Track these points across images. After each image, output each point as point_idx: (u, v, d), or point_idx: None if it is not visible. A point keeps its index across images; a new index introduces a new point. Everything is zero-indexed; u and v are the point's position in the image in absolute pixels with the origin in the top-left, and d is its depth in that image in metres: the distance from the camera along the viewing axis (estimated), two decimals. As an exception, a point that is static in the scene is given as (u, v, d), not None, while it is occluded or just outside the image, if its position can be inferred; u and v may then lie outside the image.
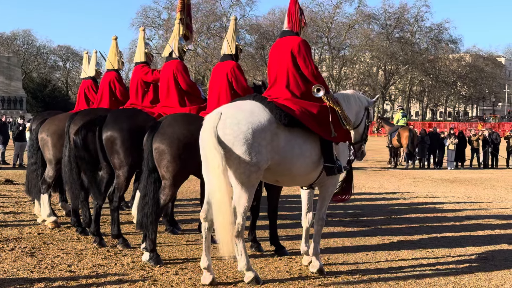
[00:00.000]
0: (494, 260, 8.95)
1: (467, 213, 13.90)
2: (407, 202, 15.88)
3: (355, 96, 8.45)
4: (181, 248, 9.33)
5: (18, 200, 14.18)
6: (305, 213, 8.32)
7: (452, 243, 10.13)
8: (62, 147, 10.13)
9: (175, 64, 9.63)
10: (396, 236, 10.66)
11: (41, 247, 9.13)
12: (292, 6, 7.84)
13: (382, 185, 19.54)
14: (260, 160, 6.85)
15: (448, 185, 20.74)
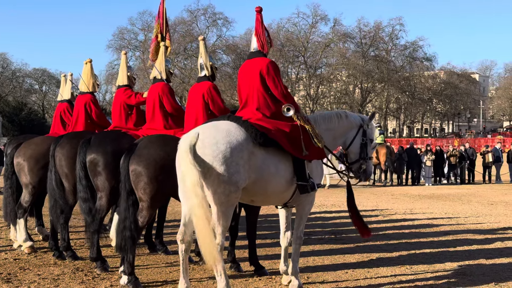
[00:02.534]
0: (472, 275, 9.03)
1: (444, 229, 14.01)
2: (386, 219, 15.97)
3: (340, 114, 8.45)
4: (160, 270, 9.29)
5: (-6, 226, 14.06)
6: (283, 232, 8.33)
7: (431, 259, 10.20)
8: (38, 171, 10.15)
9: (161, 86, 9.67)
10: (375, 253, 10.71)
11: (17, 272, 9.04)
12: (258, 27, 7.96)
13: (361, 202, 19.57)
14: (239, 180, 6.85)
15: (426, 201, 20.89)
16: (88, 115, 11.03)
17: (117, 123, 10.57)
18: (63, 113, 11.91)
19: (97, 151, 8.85)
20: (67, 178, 9.51)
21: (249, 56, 8.15)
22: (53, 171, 9.63)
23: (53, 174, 9.64)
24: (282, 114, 7.61)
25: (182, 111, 9.46)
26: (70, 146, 9.47)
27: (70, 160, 9.37)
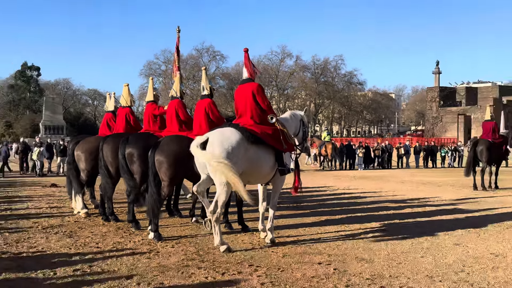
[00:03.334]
0: (390, 231, 9.08)
1: (371, 199, 14.09)
2: (332, 193, 16.02)
3: (292, 115, 8.64)
4: (176, 228, 9.31)
5: (60, 198, 13.97)
6: (261, 202, 8.41)
7: (362, 220, 10.24)
8: (92, 161, 10.21)
9: (176, 102, 9.74)
10: (323, 216, 10.76)
11: (76, 231, 9.05)
12: (246, 61, 8.24)
13: (315, 181, 19.70)
14: (238, 168, 7.02)
15: (359, 181, 20.99)
16: (127, 121, 11.05)
17: (146, 127, 10.68)
18: (109, 120, 11.96)
19: (133, 146, 8.94)
20: (111, 165, 9.54)
21: (241, 82, 8.31)
22: (102, 160, 9.64)
23: (102, 162, 9.64)
24: (268, 121, 7.73)
25: (191, 119, 9.52)
26: (114, 143, 9.50)
27: (113, 153, 9.39)
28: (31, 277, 6.01)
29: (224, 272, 6.20)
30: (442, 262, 6.78)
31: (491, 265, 6.63)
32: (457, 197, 14.65)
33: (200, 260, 6.82)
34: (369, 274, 6.16)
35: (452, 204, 13.13)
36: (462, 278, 6.01)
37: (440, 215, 11.11)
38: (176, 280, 5.88)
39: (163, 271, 6.22)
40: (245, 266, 6.52)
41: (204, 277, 6.00)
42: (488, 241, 8.23)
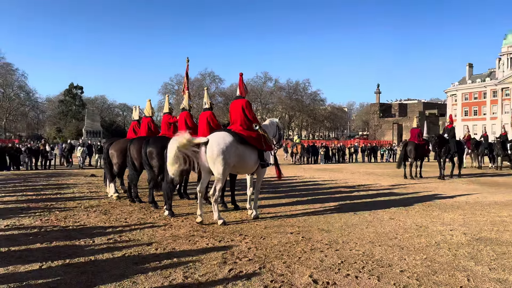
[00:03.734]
0: (343, 208, 9.09)
1: (330, 185, 14.08)
2: (301, 181, 16.01)
3: (271, 122, 8.63)
4: (185, 207, 9.20)
5: (98, 185, 13.77)
6: (248, 187, 8.37)
7: (323, 201, 10.23)
8: (122, 157, 10.06)
9: (185, 113, 9.69)
10: (294, 198, 10.72)
11: (110, 209, 8.91)
12: (240, 83, 8.20)
13: (288, 173, 19.71)
14: (230, 162, 7.00)
15: (321, 172, 21.03)
16: (149, 128, 10.94)
17: (163, 132, 10.53)
18: (135, 126, 11.82)
19: (153, 146, 8.82)
20: (136, 160, 9.41)
21: (235, 98, 8.30)
22: (129, 156, 9.53)
23: (130, 158, 9.53)
24: (252, 127, 7.72)
25: (196, 126, 9.43)
26: (138, 144, 9.38)
27: (138, 151, 9.28)
28: (76, 244, 5.93)
29: (220, 240, 6.18)
30: (381, 232, 6.83)
31: (416, 234, 6.69)
32: (392, 184, 14.76)
33: (203, 231, 6.78)
34: (327, 241, 6.18)
35: (388, 189, 13.22)
36: (395, 243, 6.06)
37: (379, 197, 11.17)
38: (185, 246, 5.84)
39: (175, 240, 6.18)
40: (236, 235, 6.50)
41: (206, 243, 5.97)
42: (414, 216, 8.29)
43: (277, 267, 4.91)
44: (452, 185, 14.52)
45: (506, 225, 7.41)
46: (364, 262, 5.12)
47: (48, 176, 17.86)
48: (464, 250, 5.68)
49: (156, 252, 5.51)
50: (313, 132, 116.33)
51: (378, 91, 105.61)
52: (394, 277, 4.61)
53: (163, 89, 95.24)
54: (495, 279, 4.55)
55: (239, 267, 4.91)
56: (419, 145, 17.30)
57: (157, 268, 4.83)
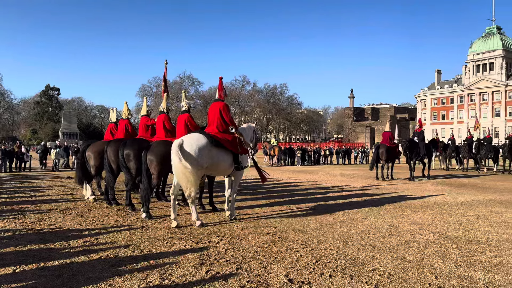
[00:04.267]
0: (318, 209, 9.18)
1: (306, 187, 14.19)
2: (278, 182, 16.05)
3: (248, 126, 8.54)
4: (162, 210, 9.07)
5: (74, 187, 13.40)
6: (226, 189, 8.28)
7: (298, 202, 10.30)
8: (99, 159, 9.80)
9: (164, 115, 9.52)
10: (271, 199, 10.74)
11: (86, 212, 8.70)
12: (220, 86, 8.12)
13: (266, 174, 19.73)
14: (203, 163, 6.90)
15: (298, 173, 21.16)
16: (126, 130, 10.72)
17: (141, 134, 10.37)
18: (112, 129, 11.53)
19: (130, 148, 8.64)
20: (113, 162, 9.20)
21: (214, 100, 8.20)
22: (106, 158, 9.30)
23: (106, 160, 9.31)
24: (229, 130, 7.64)
25: (174, 128, 9.31)
26: (115, 146, 9.18)
27: (115, 153, 9.08)
28: (51, 247, 5.75)
29: (198, 241, 6.12)
30: (354, 231, 6.93)
31: (387, 233, 6.82)
32: (364, 185, 15.00)
33: (180, 233, 6.70)
34: (303, 241, 6.22)
35: (361, 190, 13.42)
36: (368, 243, 6.16)
37: (353, 197, 11.34)
38: (162, 248, 5.76)
39: (152, 242, 6.09)
40: (214, 236, 6.46)
41: (183, 245, 5.90)
42: (386, 216, 8.44)
43: (254, 268, 4.90)
44: (422, 186, 14.89)
45: (471, 224, 7.65)
46: (338, 261, 5.18)
47: (23, 178, 17.30)
48: (432, 249, 5.83)
49: (133, 255, 5.41)
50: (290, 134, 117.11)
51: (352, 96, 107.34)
52: (366, 275, 4.68)
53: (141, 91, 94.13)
54: (461, 276, 4.69)
55: (216, 268, 4.88)
56: (391, 148, 17.67)
57: (134, 270, 4.74)
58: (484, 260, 5.27)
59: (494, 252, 5.67)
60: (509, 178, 18.79)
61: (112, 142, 9.61)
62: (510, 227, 7.39)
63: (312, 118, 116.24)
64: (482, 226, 7.46)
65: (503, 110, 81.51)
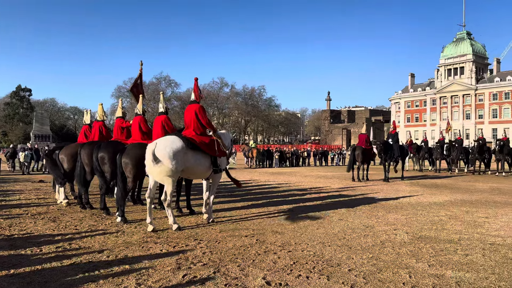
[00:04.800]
0: (296, 211, 9.23)
1: (284, 189, 14.24)
2: (256, 184, 16.06)
3: (227, 133, 8.44)
4: (138, 214, 8.91)
5: (46, 191, 13.03)
6: (204, 192, 8.26)
7: (276, 204, 10.33)
8: (72, 162, 9.51)
9: (139, 117, 9.34)
10: (250, 201, 10.73)
11: (59, 216, 8.45)
12: (195, 88, 8.01)
13: (244, 176, 19.75)
14: (178, 167, 6.79)
15: (275, 175, 21.24)
16: (100, 132, 10.48)
17: (116, 137, 10.17)
18: (86, 131, 11.26)
19: (104, 151, 8.45)
20: (87, 165, 8.96)
21: (189, 102, 8.09)
22: (80, 161, 9.05)
23: (80, 163, 9.05)
24: (206, 133, 7.58)
25: (151, 130, 9.16)
26: (89, 149, 8.94)
27: (89, 156, 8.85)
28: (21, 253, 5.56)
29: (175, 245, 6.05)
30: (331, 232, 7.00)
31: (363, 234, 6.93)
32: (341, 186, 15.20)
33: (156, 237, 6.60)
34: (280, 242, 6.24)
35: (338, 191, 13.59)
36: (344, 243, 6.24)
37: (330, 199, 11.46)
38: (138, 252, 5.65)
39: (127, 246, 5.97)
40: (191, 240, 6.39)
41: (160, 249, 5.82)
42: (362, 217, 8.57)
43: (232, 271, 4.88)
44: (396, 187, 15.21)
45: (443, 224, 7.86)
46: (315, 262, 5.22)
47: (-8, 182, 16.66)
48: (406, 249, 5.96)
49: (108, 260, 5.29)
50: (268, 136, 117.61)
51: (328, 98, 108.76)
52: (342, 276, 4.73)
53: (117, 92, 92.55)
54: (434, 274, 4.81)
55: (194, 272, 4.83)
56: (366, 149, 18.00)
57: (109, 276, 4.64)
58: (456, 259, 5.42)
59: (465, 251, 5.85)
60: (479, 179, 19.45)
61: (85, 144, 9.37)
62: (480, 226, 7.64)
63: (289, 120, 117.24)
64: (454, 225, 7.68)
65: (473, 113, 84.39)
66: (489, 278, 4.67)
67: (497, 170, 22.79)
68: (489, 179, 19.43)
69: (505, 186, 15.85)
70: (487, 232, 7.11)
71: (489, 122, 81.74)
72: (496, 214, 9.00)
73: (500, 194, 12.90)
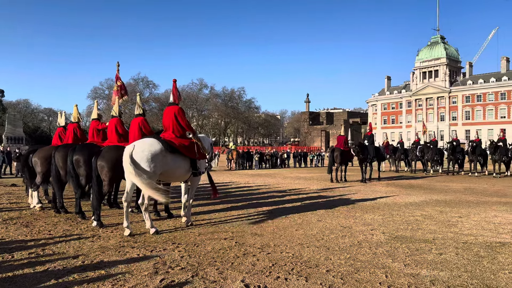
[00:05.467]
0: (275, 212, 9.25)
1: (263, 190, 14.27)
2: (236, 186, 16.04)
3: (206, 137, 8.37)
4: (114, 217, 8.74)
5: (19, 195, 12.62)
6: (183, 195, 8.17)
7: (256, 205, 10.34)
8: (46, 165, 9.24)
9: (116, 119, 9.16)
10: (229, 204, 10.70)
11: (32, 221, 8.19)
12: (174, 89, 7.85)
13: (224, 178, 19.67)
14: (156, 170, 6.70)
15: (255, 177, 21.25)
16: (75, 134, 10.23)
17: (91, 139, 9.93)
18: (60, 133, 10.94)
19: (79, 153, 8.23)
20: (61, 168, 8.74)
21: (168, 104, 7.94)
22: (54, 164, 8.82)
23: (54, 166, 8.82)
24: (186, 135, 7.51)
25: (127, 132, 9.00)
26: (64, 151, 8.73)
27: (63, 159, 8.64)
28: (-9, 261, 5.36)
29: (152, 250, 5.96)
30: (309, 233, 7.05)
31: (341, 234, 7.00)
32: (320, 187, 15.35)
33: (133, 241, 6.48)
34: (259, 245, 6.24)
35: (317, 192, 13.72)
36: (322, 244, 6.29)
37: (309, 200, 11.56)
38: (114, 257, 5.54)
39: (103, 251, 5.84)
40: (169, 244, 6.31)
41: (137, 254, 5.72)
42: (339, 217, 8.67)
43: (210, 274, 4.85)
44: (373, 187, 15.47)
45: (419, 223, 8.04)
46: (294, 264, 5.25)
47: (-40, 186, 16.02)
48: (383, 249, 6.06)
49: (83, 265, 5.16)
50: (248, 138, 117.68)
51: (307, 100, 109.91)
52: (320, 277, 4.77)
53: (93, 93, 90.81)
54: (409, 274, 4.91)
55: (171, 276, 4.77)
56: (345, 151, 18.25)
57: (84, 282, 4.53)
58: (430, 258, 5.55)
59: (439, 250, 5.99)
60: (453, 179, 20.00)
61: (60, 147, 9.13)
62: (453, 225, 7.85)
63: (269, 122, 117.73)
64: (429, 225, 7.87)
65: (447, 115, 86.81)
66: (462, 276, 4.80)
67: (470, 171, 23.50)
68: (462, 179, 20.01)
69: (478, 186, 16.36)
70: (460, 231, 7.31)
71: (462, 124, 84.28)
72: (469, 213, 9.28)
73: (473, 194, 13.31)
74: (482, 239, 6.68)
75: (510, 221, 8.33)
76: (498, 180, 19.24)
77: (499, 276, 4.81)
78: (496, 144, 21.54)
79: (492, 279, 4.69)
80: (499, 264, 5.29)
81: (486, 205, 10.69)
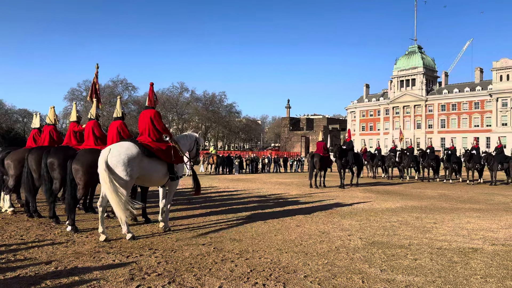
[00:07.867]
0: (254, 218, 9.25)
1: (243, 195, 14.24)
2: (215, 191, 15.93)
3: (187, 135, 8.29)
4: (90, 222, 8.54)
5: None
6: (161, 199, 8.02)
7: (235, 211, 10.31)
8: (19, 168, 8.94)
9: (93, 122, 9.00)
10: (209, 209, 10.62)
11: (3, 226, 7.91)
12: (150, 93, 7.77)
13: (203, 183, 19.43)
14: (132, 174, 6.61)
15: (236, 182, 21.21)
16: (51, 136, 9.97)
17: (67, 141, 9.74)
18: (35, 135, 10.62)
19: (54, 156, 8.03)
20: (35, 171, 8.47)
21: (144, 108, 7.83)
22: (27, 167, 8.55)
23: (27, 169, 8.55)
24: (162, 139, 7.42)
25: (105, 136, 8.85)
26: (38, 154, 8.48)
27: (37, 161, 8.39)
28: (-43, 267, 5.14)
29: (128, 255, 5.84)
30: (288, 239, 7.07)
31: (319, 240, 7.06)
32: (299, 193, 15.44)
33: (109, 247, 6.35)
34: (238, 250, 6.22)
35: (296, 198, 13.80)
36: (300, 250, 6.32)
37: (288, 205, 11.60)
38: (89, 263, 5.41)
39: (78, 257, 5.69)
40: (146, 249, 6.21)
41: (112, 260, 5.59)
42: (318, 223, 8.74)
43: (187, 280, 4.79)
44: (351, 193, 15.67)
45: (395, 229, 8.18)
46: (272, 270, 5.25)
47: None
48: (360, 254, 6.13)
49: (56, 271, 5.02)
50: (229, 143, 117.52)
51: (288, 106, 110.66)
52: (298, 282, 4.79)
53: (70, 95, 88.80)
54: (385, 279, 4.98)
55: (147, 282, 4.69)
56: (324, 157, 18.44)
57: (56, 289, 4.40)
58: (406, 264, 5.65)
59: (414, 255, 6.11)
60: (428, 186, 20.48)
61: (34, 149, 8.87)
62: (428, 231, 8.03)
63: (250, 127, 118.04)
64: (405, 231, 8.01)
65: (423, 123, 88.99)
66: (436, 281, 4.91)
67: (445, 178, 24.11)
68: (437, 186, 20.51)
69: (452, 192, 16.80)
70: (434, 237, 7.48)
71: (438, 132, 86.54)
72: (443, 219, 9.51)
73: (447, 200, 13.65)
74: (456, 245, 6.86)
75: (482, 227, 8.58)
76: (472, 187, 19.81)
77: (471, 281, 4.94)
78: (470, 152, 22.21)
79: (464, 284, 4.81)
80: (471, 269, 5.43)
81: (459, 211, 10.98)
